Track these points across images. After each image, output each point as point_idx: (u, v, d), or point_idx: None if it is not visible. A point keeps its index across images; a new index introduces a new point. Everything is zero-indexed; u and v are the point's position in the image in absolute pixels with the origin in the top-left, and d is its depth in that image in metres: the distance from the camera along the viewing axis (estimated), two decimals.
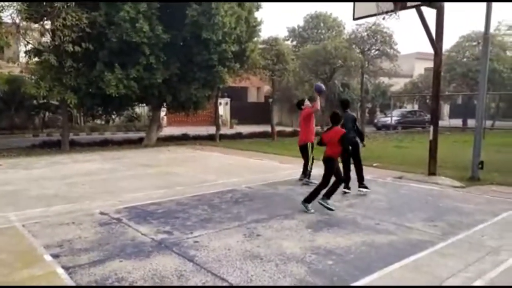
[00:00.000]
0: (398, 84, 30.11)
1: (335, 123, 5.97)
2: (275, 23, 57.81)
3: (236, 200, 6.55)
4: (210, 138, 17.97)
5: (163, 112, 20.41)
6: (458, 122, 27.98)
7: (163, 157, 12.14)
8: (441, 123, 27.87)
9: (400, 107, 31.40)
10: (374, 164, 10.44)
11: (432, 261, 4.00)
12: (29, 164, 10.27)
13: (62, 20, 11.55)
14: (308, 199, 5.87)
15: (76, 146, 14.38)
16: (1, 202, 6.26)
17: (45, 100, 18.70)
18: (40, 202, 6.23)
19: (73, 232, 4.79)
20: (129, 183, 7.91)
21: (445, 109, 35.92)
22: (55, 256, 4.03)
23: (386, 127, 25.31)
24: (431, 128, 8.54)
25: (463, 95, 27.41)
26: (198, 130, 21.11)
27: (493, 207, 6.13)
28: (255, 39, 16.95)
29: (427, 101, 28.27)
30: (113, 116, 17.96)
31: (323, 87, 7.96)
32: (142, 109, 25.14)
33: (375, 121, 28.49)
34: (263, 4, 16.64)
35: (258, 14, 16.40)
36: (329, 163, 5.88)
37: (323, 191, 5.86)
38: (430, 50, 8.72)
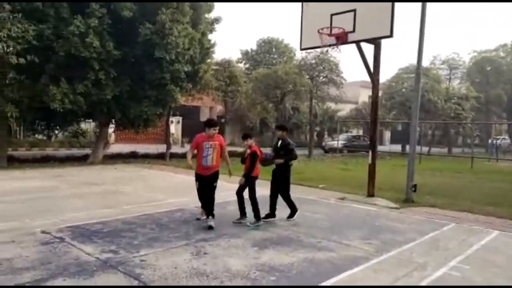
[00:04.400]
0: (344, 110, 31.79)
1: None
2: (229, 45, 58.96)
3: (185, 220, 6.60)
4: (160, 156, 17.72)
5: (111, 129, 19.87)
6: (398, 147, 29.94)
7: (109, 175, 11.82)
8: (382, 148, 29.67)
9: (346, 132, 33.05)
10: (320, 186, 10.94)
11: (365, 275, 4.34)
12: None
13: (7, 31, 11.09)
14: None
15: (14, 162, 13.58)
16: None
17: None
18: None
19: (13, 250, 4.61)
20: (73, 202, 7.66)
21: (387, 135, 38.31)
22: None
23: (333, 150, 26.46)
24: (370, 153, 9.20)
25: (401, 122, 29.46)
26: (148, 148, 20.73)
27: (423, 227, 6.71)
28: (209, 60, 17.26)
29: (369, 127, 30.03)
30: (56, 132, 17.21)
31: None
32: (88, 125, 24.26)
33: (323, 144, 29.71)
34: (217, 26, 17.09)
35: (211, 36, 16.82)
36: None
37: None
38: None
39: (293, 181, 11.75)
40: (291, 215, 6.80)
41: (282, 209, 6.86)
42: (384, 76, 32.55)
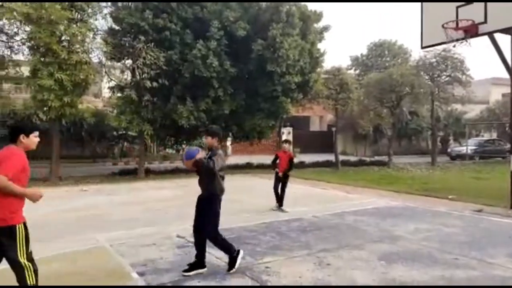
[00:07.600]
0: (473, 111, 28.32)
1: None
2: (338, 52, 58.14)
3: (304, 229, 6.59)
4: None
5: (228, 142, 21.21)
6: None
7: (229, 186, 12.45)
8: None
9: (477, 136, 29.37)
10: (450, 196, 9.89)
11: None
12: (111, 190, 11.21)
13: (142, 59, 12.79)
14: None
15: (150, 173, 15.41)
16: (90, 224, 6.93)
17: (124, 132, 20.40)
18: (124, 225, 6.80)
19: (154, 253, 5.19)
20: None
21: None
22: (141, 274, 4.39)
23: (461, 156, 23.79)
24: (511, 158, 7.96)
25: None
26: (262, 158, 21.42)
27: None
28: (318, 69, 17.25)
29: (507, 129, 26.17)
30: (183, 146, 19.05)
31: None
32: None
33: (449, 150, 26.90)
34: (326, 34, 17.00)
35: (321, 45, 16.79)
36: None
37: None
38: (507, 74, 8.26)
39: (416, 191, 10.94)
40: (230, 265, 4.46)
41: (401, 225, 6.31)
42: None
